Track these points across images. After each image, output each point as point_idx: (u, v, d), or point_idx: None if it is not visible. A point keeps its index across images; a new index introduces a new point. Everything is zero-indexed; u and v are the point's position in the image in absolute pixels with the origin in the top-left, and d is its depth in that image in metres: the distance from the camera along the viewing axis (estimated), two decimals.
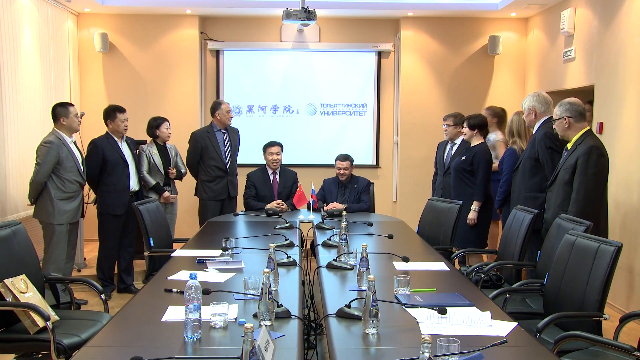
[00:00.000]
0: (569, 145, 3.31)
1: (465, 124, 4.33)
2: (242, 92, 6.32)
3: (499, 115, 4.86)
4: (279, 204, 4.51)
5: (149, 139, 4.81)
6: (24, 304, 2.40)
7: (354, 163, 4.76)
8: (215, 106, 4.93)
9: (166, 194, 4.66)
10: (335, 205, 4.42)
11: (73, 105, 4.15)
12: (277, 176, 4.77)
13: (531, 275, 3.26)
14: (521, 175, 3.69)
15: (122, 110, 4.36)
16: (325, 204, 4.58)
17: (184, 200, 5.21)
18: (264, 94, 6.31)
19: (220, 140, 4.91)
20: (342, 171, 4.66)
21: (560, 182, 3.26)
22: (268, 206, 4.44)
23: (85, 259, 5.08)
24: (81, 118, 4.24)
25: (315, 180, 4.85)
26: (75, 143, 4.18)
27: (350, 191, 4.68)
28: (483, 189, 4.15)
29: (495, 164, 4.49)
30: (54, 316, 2.49)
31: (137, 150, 4.65)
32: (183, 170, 4.90)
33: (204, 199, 4.88)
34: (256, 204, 4.61)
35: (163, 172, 4.70)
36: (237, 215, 4.22)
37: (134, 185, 4.41)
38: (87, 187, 4.37)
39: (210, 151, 4.84)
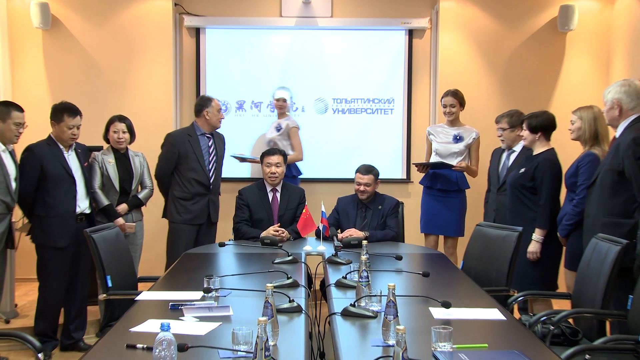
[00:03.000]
0: None
1: (524, 125, 4.35)
2: (229, 83, 6.39)
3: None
4: (277, 230, 4.53)
5: (105, 145, 4.87)
6: None
7: (378, 177, 4.79)
8: (204, 103, 5.00)
9: (120, 221, 4.63)
10: (353, 233, 4.44)
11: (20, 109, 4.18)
12: (278, 194, 4.81)
13: (619, 328, 3.24)
14: (599, 193, 3.68)
15: (74, 113, 4.32)
16: (339, 231, 4.60)
17: (151, 224, 5.25)
18: (259, 86, 6.38)
19: (204, 146, 4.97)
20: (362, 187, 4.68)
21: None
22: (264, 234, 4.47)
23: (16, 305, 5.09)
24: (22, 129, 4.22)
25: (326, 199, 4.87)
26: (12, 152, 4.23)
27: (373, 214, 4.70)
28: (548, 212, 4.15)
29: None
30: None
31: (90, 160, 4.69)
32: (145, 193, 4.87)
33: (176, 221, 4.93)
34: (249, 231, 4.64)
35: (118, 189, 4.73)
36: (223, 245, 4.25)
37: (83, 207, 4.44)
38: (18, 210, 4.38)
39: (191, 160, 4.90)
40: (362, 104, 6.43)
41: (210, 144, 5.01)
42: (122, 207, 4.74)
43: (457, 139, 5.27)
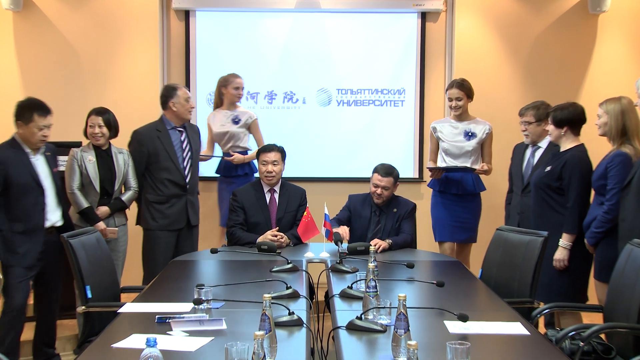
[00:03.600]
0: None
1: (549, 119, 4.34)
2: (222, 72, 6.34)
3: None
4: (276, 235, 4.54)
5: (85, 141, 4.87)
6: None
7: (398, 180, 4.77)
8: (169, 93, 5.00)
9: (101, 225, 4.62)
10: (380, 243, 4.42)
11: None
12: (277, 195, 4.83)
13: None
14: (636, 195, 3.67)
15: (45, 111, 4.22)
16: (344, 225, 4.61)
17: (135, 229, 5.24)
18: (255, 75, 6.38)
19: (176, 142, 4.96)
20: (379, 190, 4.68)
21: None
22: (261, 239, 4.48)
23: None
24: None
25: (329, 200, 4.85)
26: None
27: (387, 217, 4.71)
28: (577, 215, 4.14)
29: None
30: None
31: (68, 158, 4.68)
32: (129, 194, 4.84)
33: (151, 228, 4.93)
34: (244, 236, 4.65)
35: (99, 190, 4.73)
36: (215, 251, 4.26)
37: (54, 219, 4.34)
38: None
39: (163, 158, 4.89)
40: (369, 95, 6.44)
41: (182, 138, 5.00)
42: (103, 210, 4.72)
43: (469, 135, 5.22)
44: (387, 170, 4.72)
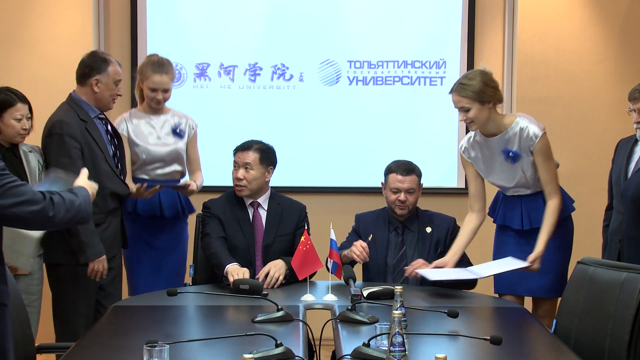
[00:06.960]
0: None
1: None
2: (185, 38, 6.44)
3: None
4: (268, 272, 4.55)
5: None
6: None
7: (421, 180, 4.80)
8: (95, 64, 4.68)
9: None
10: (415, 265, 4.45)
11: None
12: (264, 212, 4.86)
13: None
14: None
15: None
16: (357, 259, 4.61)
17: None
18: (232, 42, 6.46)
19: (105, 136, 4.90)
20: (402, 196, 4.68)
21: None
22: (230, 270, 4.47)
23: None
24: None
25: (336, 220, 4.85)
26: None
27: (417, 239, 4.75)
28: None
29: None
30: None
31: None
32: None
33: (81, 263, 4.75)
34: (222, 253, 4.59)
35: None
36: (173, 294, 4.25)
37: None
38: None
39: (100, 160, 4.78)
40: (394, 70, 6.48)
41: (110, 129, 4.94)
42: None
43: (512, 157, 4.58)
44: (407, 167, 4.76)
